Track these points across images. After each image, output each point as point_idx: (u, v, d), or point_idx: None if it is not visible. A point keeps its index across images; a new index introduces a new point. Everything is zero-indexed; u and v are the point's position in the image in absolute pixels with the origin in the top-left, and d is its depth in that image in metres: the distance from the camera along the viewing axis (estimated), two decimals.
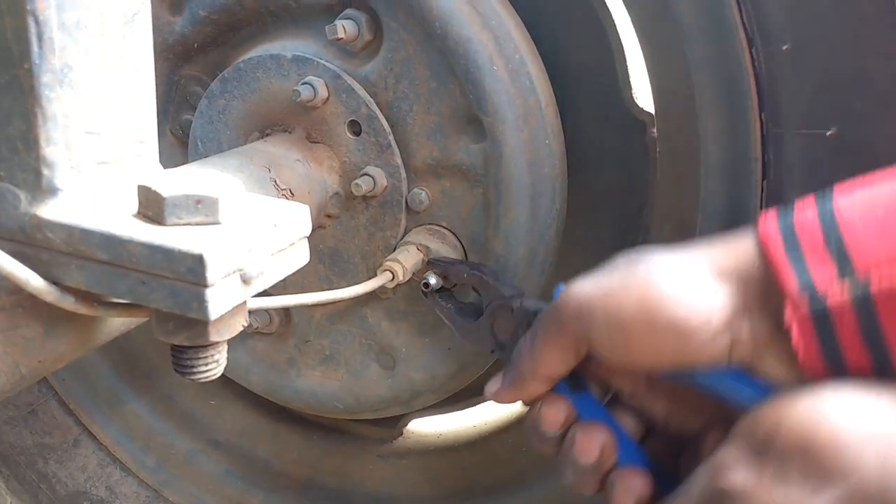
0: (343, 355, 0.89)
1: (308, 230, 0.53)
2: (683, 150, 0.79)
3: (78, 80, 0.48)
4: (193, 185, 0.48)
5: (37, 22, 0.45)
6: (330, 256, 0.85)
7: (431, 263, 0.78)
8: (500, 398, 0.65)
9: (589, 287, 0.57)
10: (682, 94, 0.76)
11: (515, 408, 0.99)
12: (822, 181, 0.67)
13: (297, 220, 0.52)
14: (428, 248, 0.80)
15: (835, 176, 0.66)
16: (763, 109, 0.68)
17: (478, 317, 0.74)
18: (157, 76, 0.56)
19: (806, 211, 0.52)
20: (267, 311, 0.89)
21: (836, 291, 0.49)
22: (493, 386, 0.66)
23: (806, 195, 0.68)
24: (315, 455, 1.04)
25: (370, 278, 0.78)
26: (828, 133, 0.65)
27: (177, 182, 0.49)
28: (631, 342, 0.54)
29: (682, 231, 0.82)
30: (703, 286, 0.53)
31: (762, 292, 0.52)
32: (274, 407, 1.03)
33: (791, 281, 0.50)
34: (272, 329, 0.90)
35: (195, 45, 0.86)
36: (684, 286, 0.53)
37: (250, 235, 0.48)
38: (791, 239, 0.51)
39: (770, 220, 0.53)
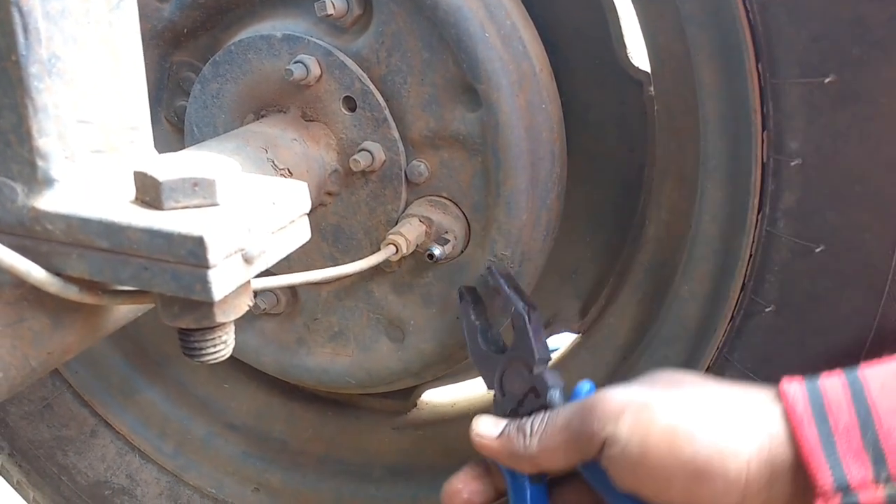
0: (352, 331, 0.89)
1: (307, 207, 0.53)
2: (681, 107, 0.78)
3: (66, 69, 0.48)
4: (189, 168, 0.48)
5: (21, 13, 0.45)
6: (333, 234, 0.85)
7: (489, 272, 0.77)
8: (483, 446, 0.65)
9: (626, 395, 0.57)
10: (677, 50, 0.76)
11: None
12: (822, 129, 0.67)
13: (295, 197, 0.52)
14: (430, 219, 0.80)
15: (835, 124, 0.66)
16: (760, 61, 0.67)
17: (496, 347, 0.75)
18: (148, 64, 0.56)
19: (837, 393, 0.52)
20: (273, 291, 0.89)
21: (870, 494, 0.48)
22: (484, 428, 0.65)
23: (806, 144, 0.68)
24: (331, 431, 1.05)
25: (374, 253, 0.78)
26: (826, 81, 0.65)
27: (173, 166, 0.49)
28: (645, 463, 0.54)
29: (683, 188, 0.82)
30: (736, 439, 0.53)
31: (788, 467, 0.52)
32: (287, 386, 1.04)
33: (825, 476, 0.49)
34: (280, 309, 0.90)
35: (184, 30, 0.85)
36: (718, 431, 0.53)
37: (249, 215, 0.48)
38: (824, 425, 0.51)
39: (798, 394, 0.53)
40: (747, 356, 0.76)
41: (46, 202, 0.48)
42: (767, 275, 0.73)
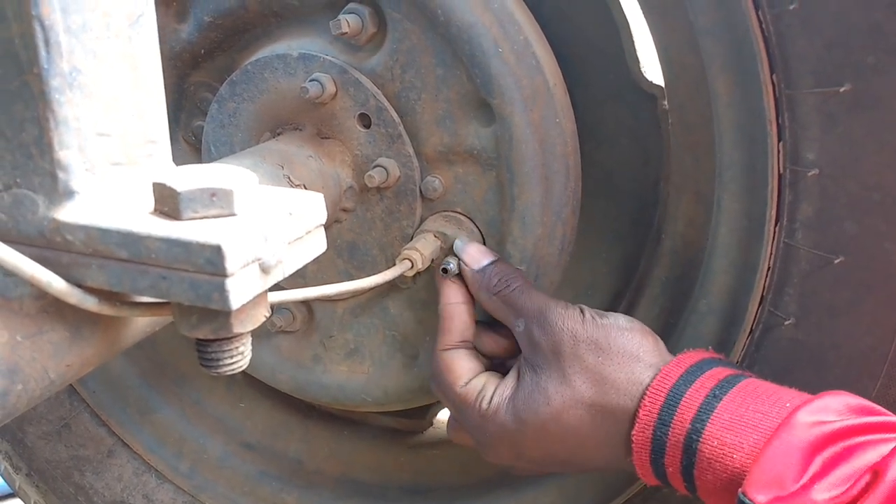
0: (368, 348, 0.89)
1: (324, 218, 0.54)
2: (696, 120, 0.78)
3: (87, 82, 0.49)
4: (207, 179, 0.49)
5: (42, 26, 0.45)
6: (348, 250, 0.85)
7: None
8: (464, 271, 0.78)
9: (541, 348, 0.72)
10: (691, 63, 0.76)
11: None
12: (839, 139, 0.66)
13: (311, 208, 0.52)
14: (445, 234, 0.80)
15: (852, 133, 0.66)
16: (774, 71, 0.68)
17: None
18: (166, 85, 0.56)
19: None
20: (289, 308, 0.90)
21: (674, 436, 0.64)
22: (470, 258, 0.77)
23: (823, 154, 0.67)
24: (347, 450, 1.05)
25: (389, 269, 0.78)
26: (842, 89, 0.65)
27: (191, 177, 0.49)
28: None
29: (699, 201, 0.81)
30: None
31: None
32: (303, 405, 1.04)
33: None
34: (296, 327, 0.90)
35: (202, 51, 0.87)
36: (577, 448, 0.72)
37: (266, 225, 0.48)
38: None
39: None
40: (767, 370, 0.75)
41: (67, 213, 0.49)
42: (786, 287, 0.72)
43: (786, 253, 0.71)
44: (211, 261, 0.45)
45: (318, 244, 0.54)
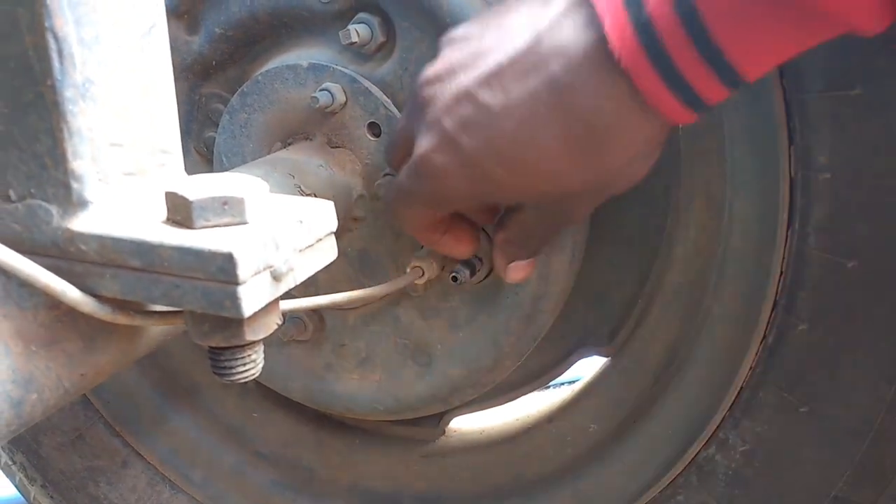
0: (379, 356, 0.89)
1: (334, 225, 0.54)
2: (705, 125, 0.78)
3: (100, 93, 0.49)
4: (219, 188, 0.49)
5: (56, 38, 0.46)
6: (359, 259, 0.85)
7: None
8: None
9: None
10: None
11: (559, 398, 0.98)
12: (850, 142, 0.66)
13: (322, 216, 0.53)
14: None
15: (863, 136, 0.65)
16: (784, 75, 0.67)
17: None
18: (178, 96, 0.57)
19: None
20: (301, 317, 0.90)
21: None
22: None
23: (834, 157, 0.67)
24: (359, 460, 1.05)
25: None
26: (852, 92, 0.64)
27: (202, 186, 0.49)
28: None
29: (711, 207, 0.81)
30: None
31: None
32: (315, 414, 1.04)
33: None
34: (307, 336, 0.90)
35: (213, 62, 0.87)
36: None
37: (277, 233, 0.49)
38: None
39: None
40: (782, 375, 0.75)
41: (80, 223, 0.49)
42: (800, 292, 0.72)
43: (798, 258, 0.71)
44: (223, 269, 0.46)
45: (328, 252, 0.54)
